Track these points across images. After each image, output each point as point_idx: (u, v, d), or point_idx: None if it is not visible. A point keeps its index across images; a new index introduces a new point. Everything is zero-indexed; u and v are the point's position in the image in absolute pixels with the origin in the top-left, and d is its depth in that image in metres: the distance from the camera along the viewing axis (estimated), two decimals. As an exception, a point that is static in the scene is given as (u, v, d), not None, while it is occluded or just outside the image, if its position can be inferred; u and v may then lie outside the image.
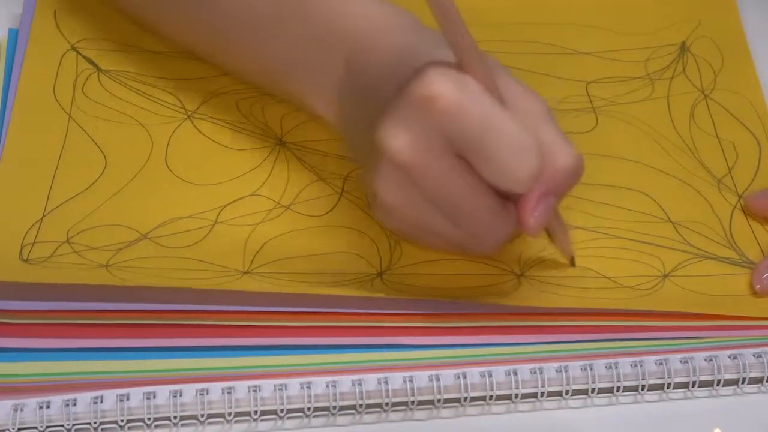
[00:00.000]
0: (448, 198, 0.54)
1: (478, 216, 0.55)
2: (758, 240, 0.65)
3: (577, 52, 0.74)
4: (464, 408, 0.58)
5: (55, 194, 0.64)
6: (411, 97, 0.52)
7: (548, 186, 0.54)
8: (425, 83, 0.52)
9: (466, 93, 0.52)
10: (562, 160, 0.55)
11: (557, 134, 0.55)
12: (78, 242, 0.62)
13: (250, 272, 0.62)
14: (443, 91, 0.51)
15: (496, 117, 0.52)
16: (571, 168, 0.55)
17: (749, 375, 0.60)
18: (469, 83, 0.52)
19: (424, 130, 0.52)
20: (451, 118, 0.52)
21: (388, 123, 0.53)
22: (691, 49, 0.74)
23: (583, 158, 0.56)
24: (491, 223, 0.55)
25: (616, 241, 0.65)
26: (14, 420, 0.56)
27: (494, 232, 0.56)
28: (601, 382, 0.59)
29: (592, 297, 0.62)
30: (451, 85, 0.52)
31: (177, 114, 0.68)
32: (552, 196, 0.55)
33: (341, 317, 0.60)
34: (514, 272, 0.63)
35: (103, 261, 0.61)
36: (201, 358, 0.58)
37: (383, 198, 0.55)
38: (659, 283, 0.63)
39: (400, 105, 0.53)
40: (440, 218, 0.55)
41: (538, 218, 0.55)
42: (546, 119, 0.56)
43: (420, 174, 0.53)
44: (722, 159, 0.69)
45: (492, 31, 0.74)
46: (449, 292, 0.62)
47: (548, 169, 0.54)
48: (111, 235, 0.62)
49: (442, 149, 0.53)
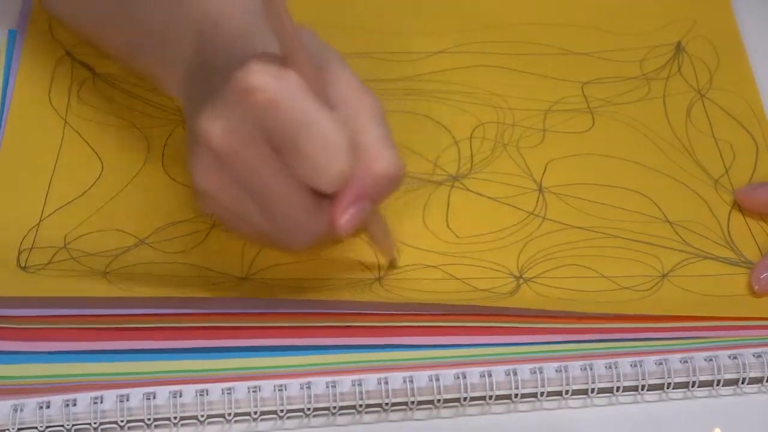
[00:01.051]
0: (260, 189, 0.53)
1: (290, 211, 0.54)
2: (756, 239, 0.65)
3: (572, 53, 0.74)
4: (464, 408, 0.58)
5: (51, 199, 0.64)
6: (231, 87, 0.52)
7: (363, 189, 0.54)
8: (245, 75, 0.51)
9: (283, 88, 0.51)
10: (381, 165, 0.54)
11: (382, 138, 0.54)
12: (75, 248, 0.62)
13: (249, 278, 0.62)
14: (260, 85, 0.51)
15: (311, 114, 0.51)
16: (388, 174, 0.54)
17: (749, 375, 0.60)
18: (289, 78, 0.52)
19: (239, 120, 0.52)
20: (266, 112, 0.51)
21: (206, 109, 0.53)
22: (686, 49, 0.75)
23: (404, 166, 0.55)
24: (302, 219, 0.55)
25: (615, 240, 0.65)
26: (14, 420, 0.56)
27: (305, 229, 0.55)
28: (601, 382, 0.59)
29: (594, 301, 0.62)
30: (270, 79, 0.51)
31: (173, 117, 0.68)
32: (366, 199, 0.54)
33: (341, 317, 0.60)
34: (513, 274, 0.63)
35: (101, 267, 0.61)
36: (201, 360, 0.58)
37: (195, 181, 0.55)
38: (658, 283, 0.63)
39: (221, 94, 0.52)
40: (253, 208, 0.54)
41: (350, 220, 0.54)
42: (374, 121, 0.55)
43: (232, 161, 0.53)
44: (719, 159, 0.69)
45: (487, 33, 0.74)
46: (447, 295, 0.62)
47: (365, 173, 0.54)
48: (108, 240, 0.62)
49: (256, 140, 0.52)
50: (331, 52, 0.56)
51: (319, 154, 0.51)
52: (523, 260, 0.63)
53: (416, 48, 0.73)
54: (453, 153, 0.68)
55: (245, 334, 0.59)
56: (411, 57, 0.72)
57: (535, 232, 0.65)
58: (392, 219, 0.64)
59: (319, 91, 0.52)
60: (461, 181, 0.67)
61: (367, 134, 0.54)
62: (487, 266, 0.63)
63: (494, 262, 0.63)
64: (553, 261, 0.63)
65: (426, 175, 0.67)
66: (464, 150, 0.68)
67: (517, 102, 0.71)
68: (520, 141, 0.69)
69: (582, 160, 0.68)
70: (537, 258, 0.63)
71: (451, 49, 0.73)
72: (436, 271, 0.63)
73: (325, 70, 0.54)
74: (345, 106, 0.54)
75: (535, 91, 0.71)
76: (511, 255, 0.64)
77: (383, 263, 0.63)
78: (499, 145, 0.69)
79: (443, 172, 0.67)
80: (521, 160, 0.68)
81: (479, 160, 0.68)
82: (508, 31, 0.74)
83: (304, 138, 0.51)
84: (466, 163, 0.68)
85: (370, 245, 0.63)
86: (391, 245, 0.62)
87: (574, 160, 0.68)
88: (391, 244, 0.61)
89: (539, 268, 0.63)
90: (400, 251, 0.63)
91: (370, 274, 0.62)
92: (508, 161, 0.68)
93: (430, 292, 0.62)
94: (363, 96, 0.55)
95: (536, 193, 0.66)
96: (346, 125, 0.53)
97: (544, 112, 0.70)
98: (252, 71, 0.51)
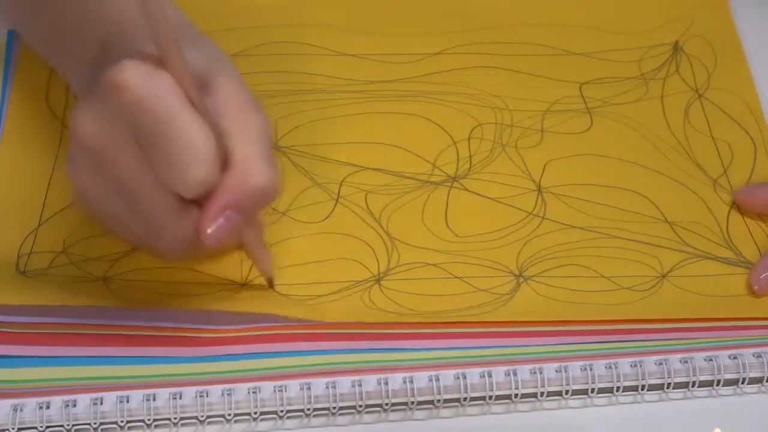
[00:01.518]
0: (127, 188, 0.53)
1: (154, 212, 0.54)
2: (755, 239, 0.65)
3: (570, 53, 0.74)
4: (464, 408, 0.58)
5: (50, 203, 0.64)
6: (104, 84, 0.52)
7: (232, 200, 0.53)
8: (115, 72, 0.51)
9: (152, 87, 0.51)
10: (254, 179, 0.53)
11: (261, 154, 0.54)
12: (74, 252, 0.62)
13: (248, 284, 0.62)
14: (129, 83, 0.51)
15: (177, 117, 0.51)
16: (260, 188, 0.54)
17: (749, 375, 0.60)
18: (161, 78, 0.51)
19: (110, 118, 0.52)
20: (134, 111, 0.51)
21: (80, 105, 0.53)
22: (684, 49, 0.74)
23: (278, 184, 0.55)
24: (166, 222, 0.54)
25: (614, 240, 0.65)
26: (14, 420, 0.55)
27: (170, 233, 0.55)
28: (601, 382, 0.59)
29: (594, 301, 0.62)
30: (140, 77, 0.51)
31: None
32: (236, 212, 0.54)
33: (342, 326, 0.60)
34: (513, 273, 0.63)
35: (100, 273, 0.61)
36: (201, 363, 0.58)
37: (70, 179, 0.55)
38: (658, 284, 0.63)
39: (96, 90, 0.52)
40: (123, 209, 0.54)
41: (216, 230, 0.53)
42: (255, 137, 0.54)
43: (100, 158, 0.52)
44: (717, 159, 0.69)
45: (486, 34, 0.74)
46: (445, 297, 0.62)
47: (236, 185, 0.53)
48: (108, 244, 0.62)
49: (125, 137, 0.52)
50: (224, 64, 0.56)
51: (179, 158, 0.51)
52: (523, 259, 0.63)
53: (415, 49, 0.73)
54: (452, 154, 0.68)
55: (244, 341, 0.59)
56: (410, 58, 0.72)
57: (534, 231, 0.65)
58: (391, 219, 0.64)
59: (196, 98, 0.52)
60: (460, 181, 0.67)
61: (245, 148, 0.53)
62: (486, 265, 0.63)
63: (494, 261, 0.63)
64: (552, 260, 0.63)
65: (425, 176, 0.67)
66: (463, 151, 0.68)
67: (516, 103, 0.71)
68: (518, 141, 0.69)
69: (580, 161, 0.68)
70: (537, 257, 0.63)
71: (450, 50, 0.73)
72: (436, 269, 0.63)
73: (214, 80, 0.54)
74: (227, 119, 0.53)
75: (534, 92, 0.71)
76: (511, 254, 0.63)
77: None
78: (498, 146, 0.69)
79: (442, 173, 0.67)
80: (520, 160, 0.68)
81: (478, 161, 0.68)
82: (506, 31, 0.74)
83: (166, 139, 0.51)
84: (465, 163, 0.68)
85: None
86: (267, 264, 0.61)
87: (572, 160, 0.68)
88: (267, 263, 0.61)
89: (539, 267, 0.63)
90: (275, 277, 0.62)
91: (370, 275, 0.62)
92: (506, 162, 0.68)
93: (430, 293, 0.62)
94: (248, 111, 0.55)
95: (535, 193, 0.66)
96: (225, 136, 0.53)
97: (543, 113, 0.70)
98: (123, 68, 0.51)
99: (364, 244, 0.64)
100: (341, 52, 0.72)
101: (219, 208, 0.53)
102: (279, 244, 0.63)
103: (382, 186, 0.66)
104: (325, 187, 0.66)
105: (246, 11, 0.74)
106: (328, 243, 0.63)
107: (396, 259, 0.63)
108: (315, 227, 0.64)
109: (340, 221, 0.64)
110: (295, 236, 0.64)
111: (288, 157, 0.67)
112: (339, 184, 0.66)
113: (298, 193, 0.66)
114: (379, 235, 0.64)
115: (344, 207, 0.65)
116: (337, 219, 0.65)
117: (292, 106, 0.69)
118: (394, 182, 0.66)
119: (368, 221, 0.64)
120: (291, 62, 0.71)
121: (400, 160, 0.67)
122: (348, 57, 0.72)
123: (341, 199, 0.65)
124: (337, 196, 0.66)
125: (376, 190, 0.66)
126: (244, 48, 0.72)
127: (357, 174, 0.66)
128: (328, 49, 0.72)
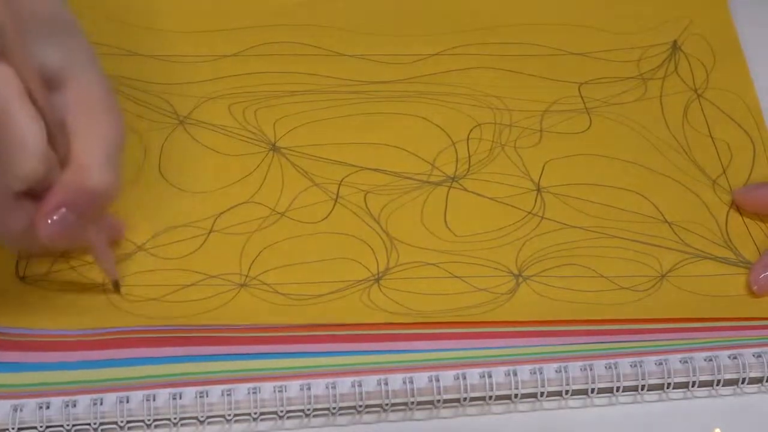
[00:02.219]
0: None
1: None
2: (754, 240, 0.66)
3: (569, 53, 0.74)
4: (464, 408, 0.58)
5: None
6: None
7: (67, 198, 0.53)
8: None
9: None
10: (91, 180, 0.53)
11: (101, 155, 0.54)
12: (74, 256, 0.62)
13: (247, 285, 0.61)
14: None
15: (10, 110, 0.51)
16: (96, 189, 0.54)
17: (749, 375, 0.60)
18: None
19: None
20: None
21: None
22: (683, 48, 0.74)
23: (115, 189, 0.55)
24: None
25: (614, 240, 0.65)
26: (14, 420, 0.55)
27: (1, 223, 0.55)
28: (601, 382, 0.59)
29: (593, 301, 0.62)
30: None
31: (170, 120, 0.68)
32: (71, 210, 0.53)
33: (340, 327, 0.60)
34: (512, 272, 0.63)
35: (100, 279, 0.61)
36: (200, 362, 0.58)
37: None
38: (657, 284, 0.63)
39: None
40: None
41: (50, 226, 0.53)
42: (103, 137, 0.54)
43: None
44: (716, 159, 0.69)
45: (484, 34, 0.74)
46: (444, 297, 0.62)
47: (73, 184, 0.53)
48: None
49: None
50: (85, 62, 0.55)
51: (6, 150, 0.51)
52: (522, 259, 0.63)
53: (413, 50, 0.73)
54: (450, 154, 0.68)
55: (245, 341, 0.59)
56: (408, 59, 0.72)
57: (533, 231, 0.65)
58: (390, 219, 0.64)
59: (39, 93, 0.52)
60: (459, 181, 0.67)
61: (87, 148, 0.53)
62: (486, 264, 0.63)
63: (493, 260, 0.63)
64: (552, 260, 0.63)
65: (424, 176, 0.67)
66: (462, 151, 0.68)
67: (514, 103, 0.71)
68: (517, 141, 0.69)
69: (580, 161, 0.68)
70: (536, 257, 0.63)
71: (448, 51, 0.73)
72: (436, 269, 0.63)
73: (68, 77, 0.54)
74: (74, 117, 0.53)
75: (532, 92, 0.71)
76: (510, 253, 0.64)
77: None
78: (497, 146, 0.69)
79: (441, 173, 0.67)
80: (519, 160, 0.68)
81: (477, 161, 0.68)
82: (504, 32, 0.74)
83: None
84: (464, 164, 0.67)
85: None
86: (110, 266, 0.60)
87: (571, 160, 0.68)
88: (110, 264, 0.60)
89: (538, 267, 0.63)
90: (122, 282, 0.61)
91: (369, 274, 0.62)
92: (505, 162, 0.68)
93: (430, 293, 0.62)
94: (99, 111, 0.54)
95: (534, 193, 0.66)
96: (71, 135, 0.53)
97: (542, 113, 0.70)
98: None
99: (363, 244, 0.64)
100: (341, 52, 0.72)
101: (53, 205, 0.53)
102: (278, 244, 0.63)
103: (381, 186, 0.66)
104: (324, 187, 0.66)
105: (246, 11, 0.73)
106: (327, 243, 0.63)
107: (395, 258, 0.63)
108: (314, 227, 0.64)
109: (339, 221, 0.64)
110: (295, 236, 0.64)
111: (287, 157, 0.67)
112: (338, 184, 0.66)
113: (298, 193, 0.65)
114: (378, 234, 0.64)
115: (343, 207, 0.65)
116: (337, 219, 0.65)
117: (291, 107, 0.69)
118: (393, 182, 0.66)
119: (367, 221, 0.64)
120: (291, 62, 0.71)
121: (400, 161, 0.67)
122: (348, 57, 0.72)
123: (340, 199, 0.65)
124: (336, 196, 0.66)
125: (376, 190, 0.66)
126: (244, 48, 0.72)
127: (356, 174, 0.66)
128: (328, 49, 0.72)
